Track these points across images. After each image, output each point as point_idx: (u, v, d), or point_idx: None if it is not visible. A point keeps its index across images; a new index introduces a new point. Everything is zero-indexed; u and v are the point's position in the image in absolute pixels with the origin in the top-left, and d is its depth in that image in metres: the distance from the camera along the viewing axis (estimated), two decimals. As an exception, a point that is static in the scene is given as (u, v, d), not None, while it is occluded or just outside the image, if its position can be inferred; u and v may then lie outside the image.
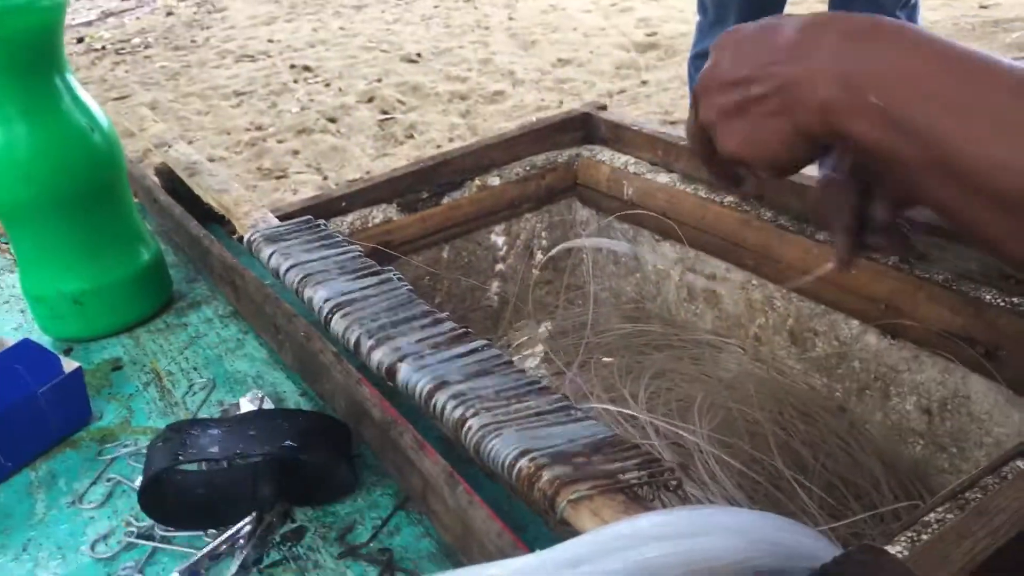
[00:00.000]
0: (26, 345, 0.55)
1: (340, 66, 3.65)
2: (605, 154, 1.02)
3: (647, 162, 0.98)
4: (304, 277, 0.57)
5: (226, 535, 0.47)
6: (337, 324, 0.51)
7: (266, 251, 0.61)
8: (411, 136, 2.87)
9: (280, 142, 2.90)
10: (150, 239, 0.71)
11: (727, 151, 0.48)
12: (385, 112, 3.07)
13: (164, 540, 0.47)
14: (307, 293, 0.55)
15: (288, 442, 0.48)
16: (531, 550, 0.32)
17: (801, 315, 0.83)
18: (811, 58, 0.43)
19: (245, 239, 0.64)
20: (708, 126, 0.50)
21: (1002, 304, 0.64)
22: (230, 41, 4.21)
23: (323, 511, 0.49)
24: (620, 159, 1.00)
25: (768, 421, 0.77)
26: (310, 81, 3.53)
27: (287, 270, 0.58)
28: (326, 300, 0.53)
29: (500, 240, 1.06)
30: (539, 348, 0.98)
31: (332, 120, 3.04)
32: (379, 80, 3.40)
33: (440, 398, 0.43)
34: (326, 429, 0.51)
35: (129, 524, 0.49)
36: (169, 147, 0.84)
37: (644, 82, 3.10)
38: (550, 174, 1.04)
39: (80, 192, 0.64)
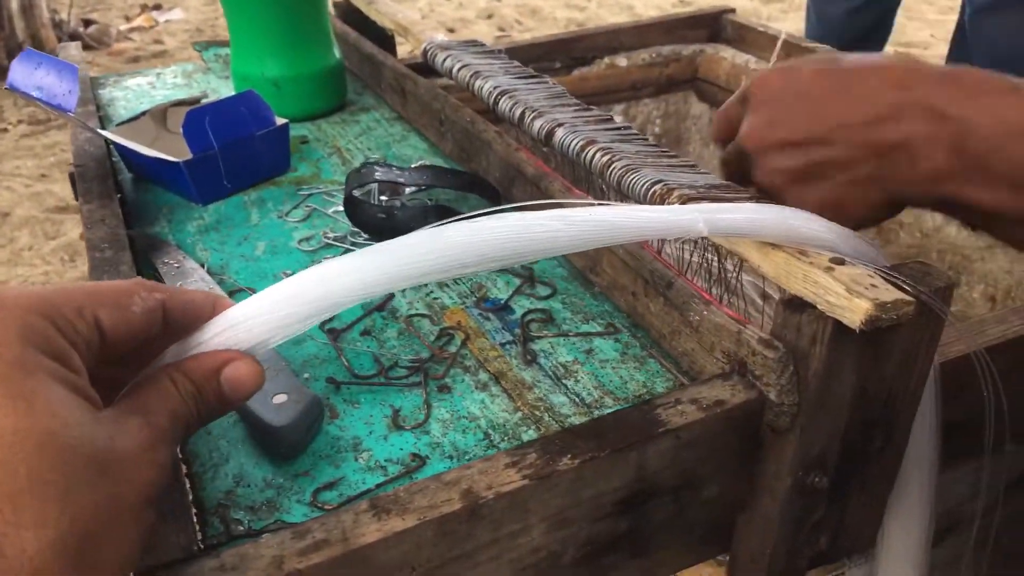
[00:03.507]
0: (252, 96, 0.68)
1: (463, -18, 3.73)
2: (728, 52, 1.10)
3: (767, 61, 1.06)
4: (474, 73, 0.68)
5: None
6: (504, 103, 0.63)
7: (441, 55, 0.73)
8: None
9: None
10: (336, 48, 0.83)
11: None
12: (502, 29, 3.16)
13: (354, 244, 0.60)
14: (477, 84, 0.66)
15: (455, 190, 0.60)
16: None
17: (889, 207, 0.91)
18: (906, 118, 0.38)
19: (422, 48, 0.76)
20: (768, 188, 0.45)
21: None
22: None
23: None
24: (742, 57, 1.08)
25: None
26: (433, -7, 3.63)
27: (460, 68, 0.70)
28: (495, 87, 0.64)
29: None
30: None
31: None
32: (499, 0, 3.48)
33: (591, 151, 0.54)
34: (483, 186, 0.63)
35: (326, 234, 0.62)
36: (349, -17, 0.97)
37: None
38: (673, 64, 1.12)
39: (291, -10, 0.76)
